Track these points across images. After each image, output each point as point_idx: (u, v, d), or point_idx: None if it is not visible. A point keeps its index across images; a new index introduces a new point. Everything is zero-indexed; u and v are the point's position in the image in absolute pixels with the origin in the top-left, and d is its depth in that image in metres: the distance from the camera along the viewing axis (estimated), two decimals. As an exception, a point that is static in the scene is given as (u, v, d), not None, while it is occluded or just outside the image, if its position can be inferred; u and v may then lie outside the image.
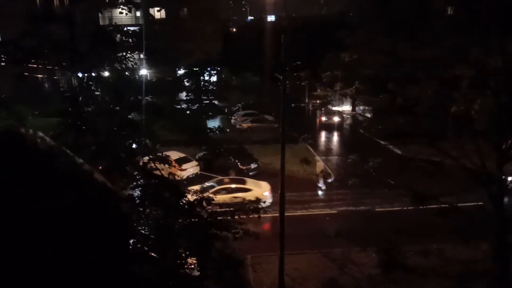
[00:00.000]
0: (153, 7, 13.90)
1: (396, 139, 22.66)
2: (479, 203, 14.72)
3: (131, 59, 10.85)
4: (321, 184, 25.43)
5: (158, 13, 30.59)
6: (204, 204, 7.94)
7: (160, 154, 10.11)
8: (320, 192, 25.32)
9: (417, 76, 14.99)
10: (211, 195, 9.29)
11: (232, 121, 40.17)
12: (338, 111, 41.08)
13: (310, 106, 46.25)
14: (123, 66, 10.85)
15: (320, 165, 27.96)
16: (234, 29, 70.60)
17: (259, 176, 26.00)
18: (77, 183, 1.02)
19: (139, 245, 7.32)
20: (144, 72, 13.64)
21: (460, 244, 11.97)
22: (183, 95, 11.78)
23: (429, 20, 15.00)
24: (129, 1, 9.48)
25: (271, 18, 63.13)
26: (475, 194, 14.35)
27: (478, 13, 13.95)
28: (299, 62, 29.41)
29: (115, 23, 11.01)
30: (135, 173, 8.45)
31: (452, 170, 15.74)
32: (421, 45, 14.66)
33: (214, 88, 10.67)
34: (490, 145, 12.67)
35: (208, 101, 11.84)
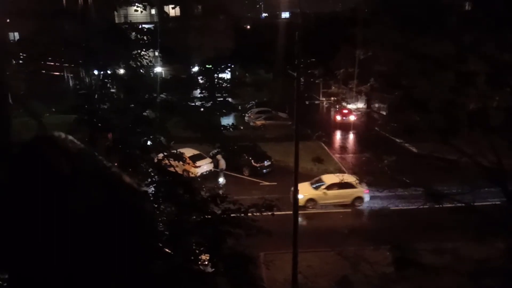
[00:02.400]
0: (167, 4, 14.01)
1: (411, 136, 22.42)
2: (495, 202, 14.50)
3: (146, 57, 10.97)
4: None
5: (172, 10, 30.82)
6: (218, 201, 8.01)
7: (175, 151, 10.23)
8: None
9: (431, 72, 14.82)
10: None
11: (246, 118, 40.24)
12: (353, 109, 40.80)
13: (324, 103, 46.02)
14: (138, 63, 10.99)
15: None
16: (248, 26, 70.58)
17: (272, 173, 26.04)
18: (108, 184, 1.09)
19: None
20: (158, 69, 13.80)
21: (474, 243, 11.84)
22: (197, 92, 11.87)
23: (443, 15, 14.80)
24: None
25: (285, 14, 63.02)
26: (490, 192, 14.16)
27: (493, 7, 13.71)
28: (313, 59, 29.27)
29: (130, 20, 11.16)
30: (149, 170, 8.57)
31: (467, 168, 15.52)
32: (435, 40, 14.49)
33: (228, 85, 10.73)
34: (506, 142, 12.47)
35: (221, 98, 11.91)
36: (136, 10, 10.14)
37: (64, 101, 20.59)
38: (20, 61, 16.54)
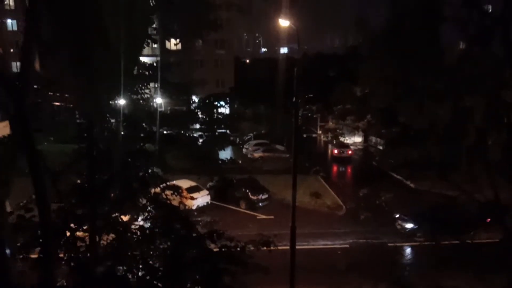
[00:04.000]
0: (169, 40, 14.34)
1: (409, 172, 22.47)
2: (495, 239, 14.35)
3: (147, 91, 11.10)
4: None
5: (174, 43, 31.48)
6: (215, 237, 7.91)
7: (172, 183, 10.18)
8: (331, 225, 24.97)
9: (429, 107, 15.00)
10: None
11: (244, 150, 40.31)
12: (350, 143, 40.99)
13: (322, 137, 46.30)
14: (139, 96, 11.11)
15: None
16: (248, 60, 71.84)
17: (270, 207, 25.83)
18: None
19: (148, 277, 7.28)
20: (159, 100, 13.94)
21: (475, 280, 11.65)
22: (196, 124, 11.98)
23: (441, 52, 15.16)
24: (147, 37, 9.83)
25: (284, 50, 64.27)
26: (489, 228, 13.99)
27: (490, 47, 14.05)
28: (311, 95, 29.66)
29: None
30: (146, 203, 8.50)
31: (466, 204, 15.43)
32: (433, 76, 14.75)
33: (227, 121, 10.85)
34: (504, 178, 12.46)
35: (220, 132, 11.99)
36: (142, 55, 10.34)
37: (64, 131, 20.59)
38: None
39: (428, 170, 18.24)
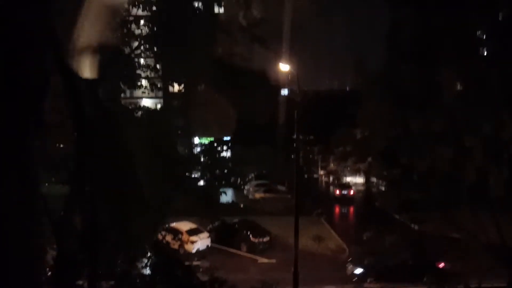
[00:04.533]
0: (172, 84, 14.73)
1: (412, 213, 22.24)
2: (501, 284, 13.97)
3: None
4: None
5: (176, 86, 32.00)
6: (216, 286, 7.74)
7: (172, 225, 10.10)
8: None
9: (429, 148, 15.05)
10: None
11: (245, 191, 40.08)
12: (352, 183, 40.83)
13: (323, 177, 46.17)
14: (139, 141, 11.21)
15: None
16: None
17: (271, 250, 25.36)
18: None
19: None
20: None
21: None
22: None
23: (438, 93, 15.41)
24: (151, 83, 10.11)
25: (284, 91, 65.29)
26: (495, 271, 13.66)
27: (488, 88, 14.29)
28: (311, 137, 29.88)
29: (139, 105, 11.58)
30: (147, 249, 8.38)
31: (470, 246, 15.15)
32: (431, 117, 14.90)
33: (229, 164, 10.93)
34: (508, 216, 12.33)
35: (222, 174, 12.04)
36: (143, 92, 10.60)
37: (65, 171, 20.42)
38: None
39: (430, 211, 18.08)
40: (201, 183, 11.54)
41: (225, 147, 11.50)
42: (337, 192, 39.72)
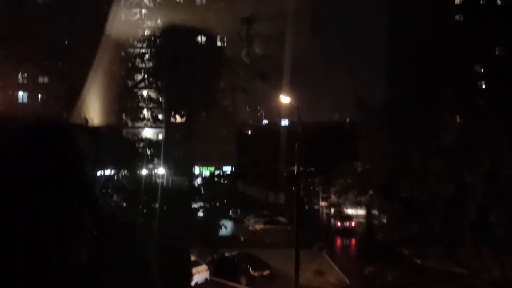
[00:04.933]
0: (174, 116, 14.99)
1: (414, 247, 21.91)
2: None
3: (150, 167, 11.32)
4: None
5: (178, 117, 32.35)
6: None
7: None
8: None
9: (429, 183, 15.04)
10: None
11: (245, 222, 39.68)
12: (353, 215, 40.39)
13: (324, 209, 45.74)
14: (141, 173, 11.29)
15: None
16: (250, 132, 73.15)
17: (271, 283, 24.86)
18: None
19: None
20: (161, 171, 14.13)
21: None
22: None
23: (438, 129, 15.55)
24: (154, 116, 10.31)
25: (285, 122, 65.63)
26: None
27: (488, 125, 14.43)
28: (312, 168, 29.86)
29: (142, 137, 11.73)
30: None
31: (475, 283, 14.88)
32: (431, 153, 14.99)
33: (229, 197, 10.95)
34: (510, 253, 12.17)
35: (222, 206, 12.03)
36: (145, 125, 10.77)
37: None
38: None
39: (433, 246, 17.89)
40: (200, 213, 11.48)
41: (225, 181, 11.56)
42: (338, 223, 39.22)
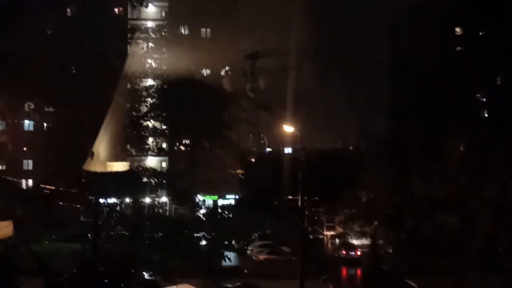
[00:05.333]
0: (178, 146, 15.13)
1: (421, 279, 21.44)
2: None
3: (154, 196, 11.33)
4: None
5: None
6: None
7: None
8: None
9: (434, 213, 14.92)
10: None
11: (248, 252, 39.10)
12: (358, 244, 39.78)
13: (329, 237, 45.13)
14: (144, 203, 11.29)
15: None
16: (253, 159, 73.11)
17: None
18: None
19: None
20: (164, 199, 14.14)
21: None
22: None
23: (442, 159, 15.56)
24: (159, 149, 10.40)
25: (288, 150, 65.62)
26: None
27: (491, 153, 14.42)
28: (316, 198, 29.68)
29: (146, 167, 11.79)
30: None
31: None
32: (435, 182, 14.94)
33: (233, 226, 10.90)
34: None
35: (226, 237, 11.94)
36: (151, 155, 10.84)
37: (66, 229, 20.19)
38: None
39: (440, 276, 17.56)
40: (203, 242, 11.44)
41: (229, 213, 11.53)
42: (344, 252, 38.58)
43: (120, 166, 9.17)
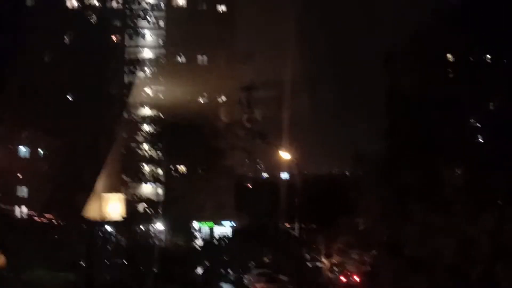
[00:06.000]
0: (174, 175, 15.13)
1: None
2: None
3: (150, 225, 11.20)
4: None
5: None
6: None
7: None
8: None
9: (432, 239, 14.77)
10: None
11: (245, 281, 38.37)
12: (357, 273, 39.21)
13: (327, 266, 44.48)
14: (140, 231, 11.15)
15: None
16: (249, 185, 72.69)
17: None
18: None
19: None
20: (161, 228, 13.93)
21: None
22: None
23: (439, 186, 15.52)
24: (155, 178, 10.35)
25: (284, 175, 65.37)
26: None
27: (489, 181, 14.43)
28: (314, 225, 29.48)
29: (142, 196, 11.73)
30: None
31: None
32: (433, 209, 14.86)
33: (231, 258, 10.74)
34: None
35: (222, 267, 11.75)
36: (145, 183, 10.77)
37: (58, 255, 19.49)
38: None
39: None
40: (199, 270, 11.23)
41: (225, 242, 11.39)
42: (343, 279, 37.95)
43: (116, 197, 9.09)
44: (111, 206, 12.72)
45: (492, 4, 18.13)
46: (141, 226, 11.04)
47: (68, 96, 18.36)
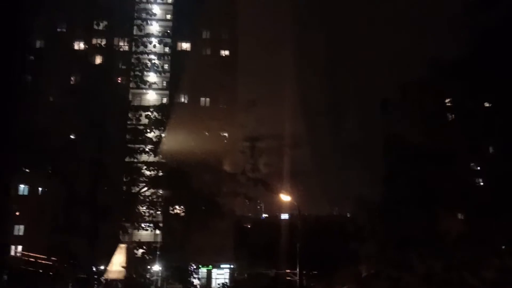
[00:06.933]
0: (173, 221, 15.13)
1: None
2: None
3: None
4: None
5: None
6: None
7: None
8: None
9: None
10: None
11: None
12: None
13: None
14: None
15: None
16: (249, 226, 71.60)
17: None
18: None
19: None
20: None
21: None
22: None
23: (438, 235, 15.40)
24: (155, 224, 10.36)
25: (284, 216, 64.54)
26: None
27: (490, 226, 14.35)
28: (315, 272, 28.91)
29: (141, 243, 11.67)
30: None
31: None
32: (433, 259, 14.67)
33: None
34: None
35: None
36: (145, 229, 10.75)
37: None
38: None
39: None
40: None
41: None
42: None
43: (119, 250, 9.07)
44: (114, 259, 12.55)
45: (489, 54, 18.72)
46: (138, 270, 10.88)
47: (71, 136, 18.56)
